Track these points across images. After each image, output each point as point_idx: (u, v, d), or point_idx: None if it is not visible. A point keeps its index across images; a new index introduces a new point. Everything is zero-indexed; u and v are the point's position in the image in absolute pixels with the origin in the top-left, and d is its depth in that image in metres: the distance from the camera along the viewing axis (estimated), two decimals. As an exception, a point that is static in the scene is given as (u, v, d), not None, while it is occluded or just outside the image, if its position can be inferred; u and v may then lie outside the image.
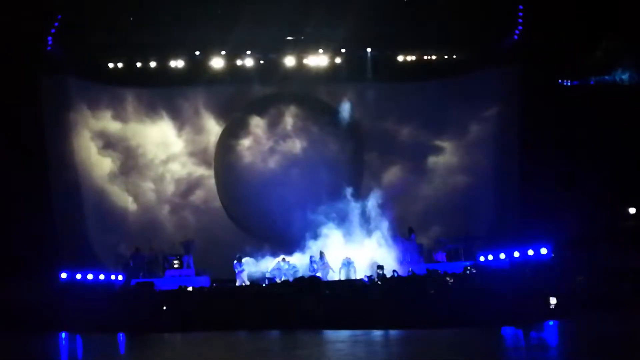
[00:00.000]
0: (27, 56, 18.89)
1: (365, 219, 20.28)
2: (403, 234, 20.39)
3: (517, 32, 20.36)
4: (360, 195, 20.60)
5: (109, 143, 21.81)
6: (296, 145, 21.90)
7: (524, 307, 15.74)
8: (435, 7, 19.91)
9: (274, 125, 22.20)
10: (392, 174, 21.68)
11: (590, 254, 17.01)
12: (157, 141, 22.33)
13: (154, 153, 22.30)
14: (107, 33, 19.83)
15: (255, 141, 22.17)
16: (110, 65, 20.85)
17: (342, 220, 20.26)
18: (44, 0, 18.58)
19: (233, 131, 22.60)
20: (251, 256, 20.18)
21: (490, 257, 19.09)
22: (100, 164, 21.59)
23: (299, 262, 20.01)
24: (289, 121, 22.11)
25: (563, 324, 14.81)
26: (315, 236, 20.16)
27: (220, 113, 22.61)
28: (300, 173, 21.63)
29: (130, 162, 22.08)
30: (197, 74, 21.41)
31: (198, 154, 22.61)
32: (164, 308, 17.21)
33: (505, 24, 20.50)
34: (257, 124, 22.19)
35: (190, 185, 22.51)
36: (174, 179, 22.39)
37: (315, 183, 21.31)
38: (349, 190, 20.59)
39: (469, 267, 18.56)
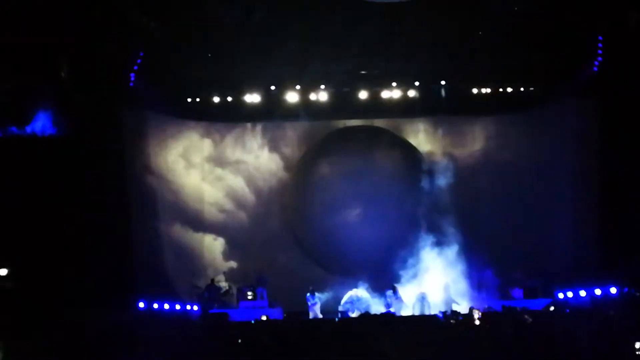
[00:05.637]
0: (110, 90, 19.46)
1: (440, 253, 20.06)
2: (479, 269, 20.11)
3: (596, 63, 19.87)
4: (436, 229, 20.40)
5: (184, 177, 22.30)
6: (370, 180, 21.76)
7: (607, 350, 15.22)
8: (510, 39, 19.60)
9: (348, 159, 22.18)
10: (467, 206, 21.38)
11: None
12: (228, 177, 22.70)
13: (225, 188, 22.68)
14: (186, 69, 20.30)
15: (329, 175, 22.23)
16: (189, 99, 21.31)
17: (417, 255, 20.11)
18: (127, 37, 19.16)
19: (305, 167, 22.76)
20: (325, 289, 20.23)
21: (569, 295, 18.63)
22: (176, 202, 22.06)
23: (371, 296, 19.96)
24: (363, 155, 22.10)
25: None
26: (390, 271, 20.06)
27: (296, 147, 22.91)
28: (375, 209, 21.53)
29: (203, 207, 22.52)
30: (272, 108, 21.66)
31: (272, 189, 22.88)
32: (239, 341, 17.31)
33: (584, 55, 20.01)
34: (332, 158, 22.28)
35: (259, 226, 22.73)
36: (247, 213, 22.72)
37: (390, 219, 21.26)
38: (424, 225, 20.48)
39: (548, 305, 18.11)
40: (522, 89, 21.34)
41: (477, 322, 16.47)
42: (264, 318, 18.89)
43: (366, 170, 21.93)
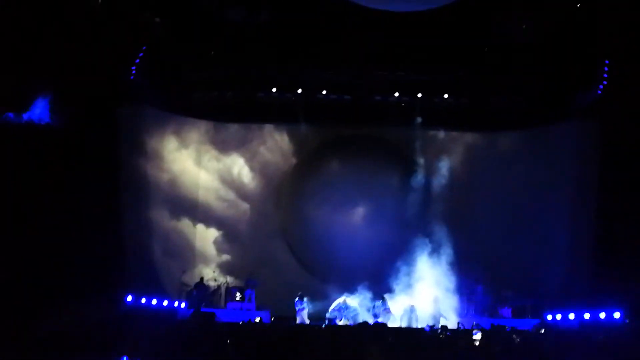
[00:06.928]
0: (109, 84, 19.31)
1: (435, 263, 20.00)
2: (470, 284, 20.01)
3: (600, 87, 19.82)
4: (432, 239, 20.34)
5: (180, 172, 22.02)
6: (367, 188, 21.81)
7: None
8: (517, 56, 19.56)
9: (344, 166, 22.18)
10: (464, 219, 21.39)
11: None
12: (225, 176, 22.48)
13: (221, 188, 22.45)
14: (188, 66, 20.21)
15: (324, 182, 22.17)
16: (191, 96, 21.20)
17: (412, 264, 20.03)
18: (129, 32, 19.05)
19: (303, 171, 22.66)
20: (314, 295, 20.12)
21: (558, 317, 18.56)
22: (171, 192, 21.79)
23: (360, 305, 19.88)
24: (360, 163, 22.07)
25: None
26: (379, 280, 19.97)
27: (292, 151, 22.79)
28: (370, 219, 21.59)
29: (198, 195, 22.21)
30: (272, 110, 21.62)
31: (265, 190, 22.70)
32: (228, 341, 17.20)
33: (589, 77, 19.96)
34: (328, 164, 22.24)
35: (254, 222, 22.54)
36: (241, 213, 22.48)
37: (384, 229, 21.25)
38: (417, 236, 20.39)
39: (537, 326, 18.02)
40: (525, 106, 21.34)
41: (477, 344, 16.31)
42: (257, 320, 18.81)
43: (370, 175, 21.93)
